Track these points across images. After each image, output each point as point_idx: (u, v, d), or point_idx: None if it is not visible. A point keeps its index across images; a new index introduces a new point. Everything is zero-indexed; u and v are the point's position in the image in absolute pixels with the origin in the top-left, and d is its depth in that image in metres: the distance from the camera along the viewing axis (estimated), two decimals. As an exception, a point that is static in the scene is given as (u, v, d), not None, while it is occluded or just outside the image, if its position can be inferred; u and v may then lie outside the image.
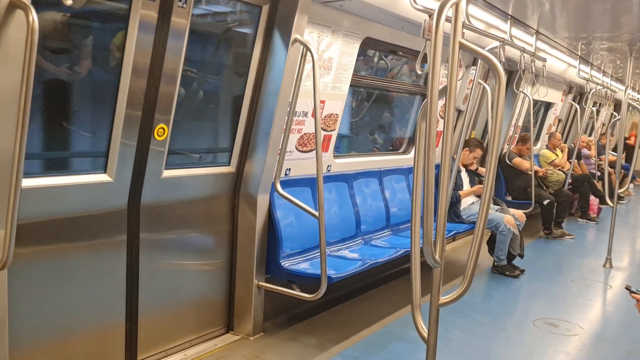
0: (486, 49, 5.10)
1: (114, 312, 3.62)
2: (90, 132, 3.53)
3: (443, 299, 2.47)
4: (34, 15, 2.45)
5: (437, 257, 2.35)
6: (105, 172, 3.40)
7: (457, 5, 2.26)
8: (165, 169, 3.72)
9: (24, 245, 3.01)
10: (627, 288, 3.18)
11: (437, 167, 2.30)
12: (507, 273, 6.29)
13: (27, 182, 2.91)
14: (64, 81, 3.30)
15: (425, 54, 3.79)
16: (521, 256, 6.37)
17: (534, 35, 6.08)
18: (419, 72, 3.92)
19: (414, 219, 2.45)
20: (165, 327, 3.99)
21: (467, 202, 6.45)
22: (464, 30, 4.38)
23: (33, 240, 3.12)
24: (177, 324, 4.07)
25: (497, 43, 5.22)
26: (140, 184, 3.60)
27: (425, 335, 2.50)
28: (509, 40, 5.38)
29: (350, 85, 5.03)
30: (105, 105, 3.36)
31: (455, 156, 6.01)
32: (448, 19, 2.22)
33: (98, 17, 3.38)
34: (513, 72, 7.36)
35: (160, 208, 3.80)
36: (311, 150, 4.75)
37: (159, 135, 3.56)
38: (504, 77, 2.29)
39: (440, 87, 2.29)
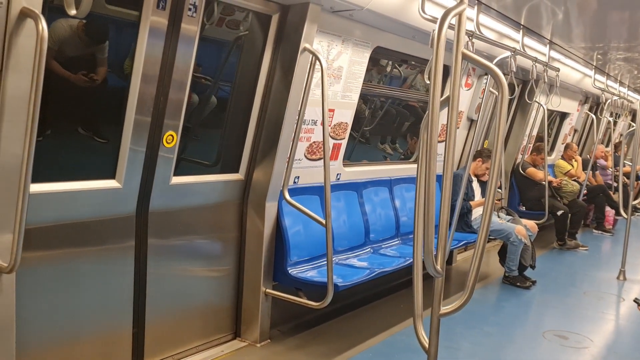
0: (497, 58, 5.09)
1: (122, 317, 3.65)
2: (100, 138, 3.56)
3: (444, 309, 2.46)
4: (43, 24, 2.50)
5: (438, 267, 2.34)
6: (114, 178, 3.43)
7: (460, 14, 2.26)
8: (174, 175, 3.75)
9: (32, 250, 3.05)
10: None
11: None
12: (518, 284, 6.24)
13: (36, 187, 2.94)
14: (74, 87, 3.34)
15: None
16: (532, 267, 6.32)
17: (548, 45, 6.04)
18: (427, 82, 3.91)
19: (416, 229, 2.45)
20: (172, 333, 4.01)
21: (479, 213, 6.41)
22: (475, 40, 4.37)
23: (42, 244, 3.16)
24: (184, 330, 4.10)
25: (508, 53, 5.20)
26: (149, 191, 3.64)
27: (427, 345, 2.49)
28: (521, 50, 5.35)
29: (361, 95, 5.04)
30: (114, 111, 3.40)
31: (466, 165, 5.99)
32: (453, 28, 2.22)
33: (109, 25, 3.42)
34: (526, 82, 7.32)
35: (168, 214, 3.83)
36: (320, 159, 4.75)
37: (167, 142, 3.59)
38: (506, 87, 2.28)
39: (444, 97, 2.29)
